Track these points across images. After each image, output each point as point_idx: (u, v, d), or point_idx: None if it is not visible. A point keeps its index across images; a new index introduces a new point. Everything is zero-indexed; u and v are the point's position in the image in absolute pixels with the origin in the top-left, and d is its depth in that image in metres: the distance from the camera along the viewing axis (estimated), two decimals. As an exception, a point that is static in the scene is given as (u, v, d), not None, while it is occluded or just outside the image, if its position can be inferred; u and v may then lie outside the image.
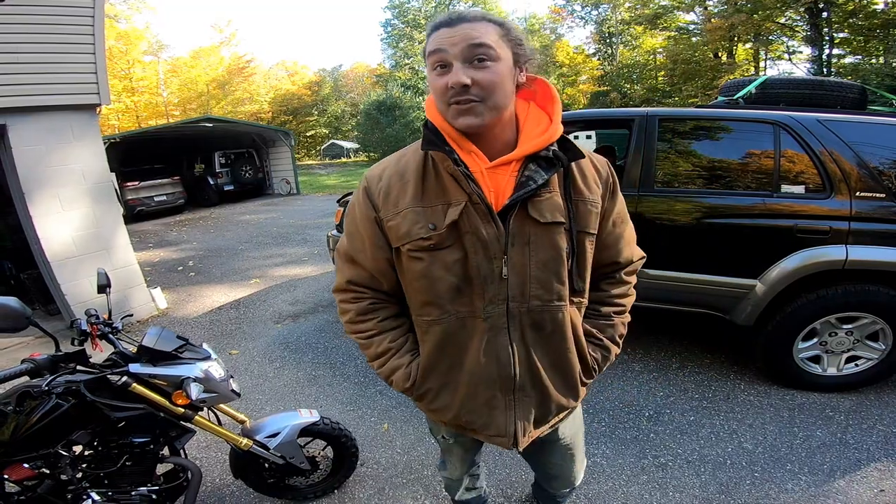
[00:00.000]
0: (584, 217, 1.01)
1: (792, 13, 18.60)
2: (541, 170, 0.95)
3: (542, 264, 0.98)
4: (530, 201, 0.95)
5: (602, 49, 31.32)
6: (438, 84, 0.90)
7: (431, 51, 0.90)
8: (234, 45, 36.04)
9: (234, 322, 4.46)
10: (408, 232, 0.96)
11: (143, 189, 11.99)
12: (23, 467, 1.48)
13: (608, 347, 1.15)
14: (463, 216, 0.94)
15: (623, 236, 1.13)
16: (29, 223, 3.97)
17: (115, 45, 25.89)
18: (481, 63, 0.87)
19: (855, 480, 2.11)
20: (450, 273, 0.97)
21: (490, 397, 1.07)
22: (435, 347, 1.05)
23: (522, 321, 1.00)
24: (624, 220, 1.13)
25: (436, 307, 1.01)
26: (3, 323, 1.41)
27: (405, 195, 0.98)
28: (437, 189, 0.97)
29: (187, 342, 1.70)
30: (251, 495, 2.14)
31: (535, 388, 1.07)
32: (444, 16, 0.91)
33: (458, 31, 0.87)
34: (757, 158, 2.70)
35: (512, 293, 0.98)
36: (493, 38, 0.87)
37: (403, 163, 1.02)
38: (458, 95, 0.88)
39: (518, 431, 1.09)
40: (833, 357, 2.71)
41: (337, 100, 40.98)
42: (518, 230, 0.95)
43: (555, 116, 0.99)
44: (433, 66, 0.90)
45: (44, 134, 3.92)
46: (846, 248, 2.45)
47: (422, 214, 0.96)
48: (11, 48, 3.62)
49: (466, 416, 1.11)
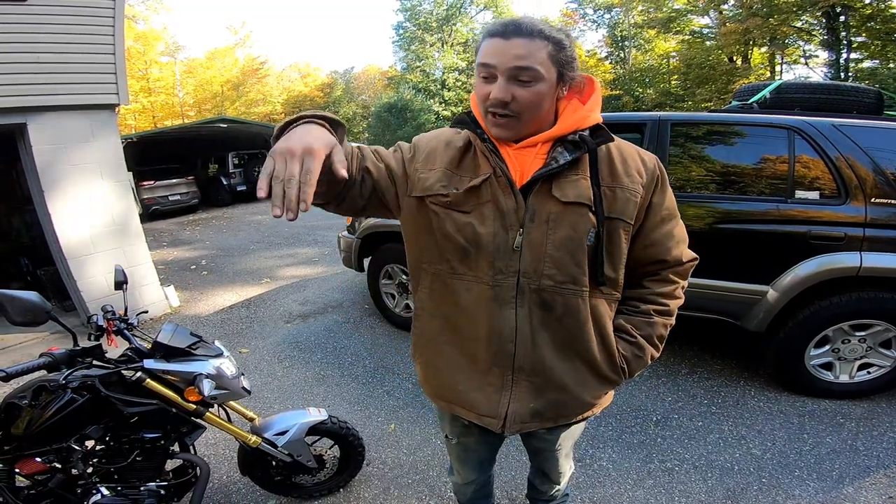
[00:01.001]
0: (620, 204, 0.99)
1: (808, 17, 18.33)
2: (566, 152, 0.97)
3: (560, 244, 0.98)
4: (555, 181, 0.98)
5: (614, 53, 31.12)
6: (481, 91, 0.95)
7: (481, 62, 0.93)
8: (249, 46, 36.41)
9: (244, 321, 4.51)
10: (431, 185, 1.02)
11: (159, 188, 12.13)
12: (34, 461, 1.50)
13: (642, 346, 1.10)
14: (484, 185, 0.99)
15: (673, 234, 1.09)
16: (47, 220, 4.05)
17: (134, 45, 26.27)
18: (524, 83, 0.91)
19: (864, 487, 2.08)
20: (459, 233, 1.00)
21: (485, 371, 1.07)
22: (431, 294, 1.09)
23: (531, 299, 1.00)
24: (673, 217, 1.09)
25: (446, 261, 1.04)
26: (24, 317, 1.43)
27: (444, 158, 1.05)
28: (470, 165, 1.03)
29: (201, 339, 1.72)
30: (258, 492, 2.16)
31: (535, 372, 1.05)
32: (501, 24, 0.92)
33: (510, 46, 0.89)
34: (771, 164, 2.68)
35: (524, 268, 0.99)
36: (540, 59, 0.90)
37: (452, 135, 1.09)
38: (495, 108, 0.93)
39: (509, 416, 1.08)
40: (845, 364, 2.67)
41: (349, 102, 41.14)
42: (539, 207, 0.97)
43: (588, 105, 1.01)
44: (480, 73, 0.95)
45: (63, 133, 3.99)
46: (860, 255, 2.42)
47: (449, 177, 1.02)
48: (32, 48, 3.69)
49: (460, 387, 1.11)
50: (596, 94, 1.02)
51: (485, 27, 0.97)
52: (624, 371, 1.10)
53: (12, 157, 4.57)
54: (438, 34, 32.23)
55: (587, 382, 1.09)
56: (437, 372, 1.15)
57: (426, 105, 28.38)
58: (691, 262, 1.13)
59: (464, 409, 1.14)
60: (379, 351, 3.66)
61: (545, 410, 1.09)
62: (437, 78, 31.78)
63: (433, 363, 1.16)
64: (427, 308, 1.12)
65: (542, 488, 1.58)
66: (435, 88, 30.89)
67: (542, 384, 1.06)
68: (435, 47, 32.13)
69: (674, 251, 1.09)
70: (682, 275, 1.13)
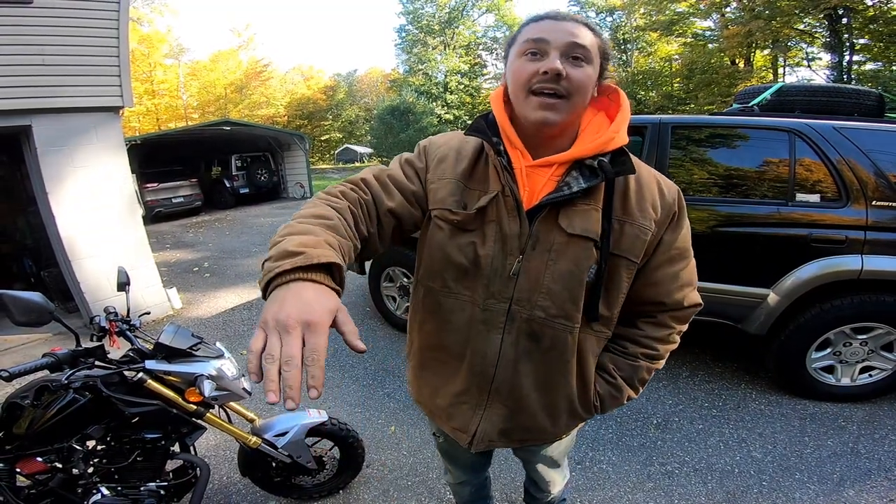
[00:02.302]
0: (628, 241, 0.92)
1: (811, 19, 18.33)
2: (581, 178, 0.90)
3: (558, 277, 0.92)
4: (563, 209, 0.91)
5: (616, 56, 31.18)
6: (528, 69, 0.86)
7: (531, 38, 0.87)
8: (252, 49, 36.66)
9: (246, 323, 4.52)
10: (442, 199, 0.97)
11: (162, 191, 12.16)
12: (35, 461, 1.51)
13: (620, 388, 1.05)
14: (491, 205, 0.93)
15: (678, 276, 1.00)
16: (51, 221, 4.07)
17: (138, 48, 26.43)
18: (577, 61, 0.85)
19: (865, 490, 2.08)
20: (461, 254, 0.96)
21: (463, 389, 1.06)
22: (423, 307, 1.07)
23: (520, 327, 0.97)
24: (683, 258, 1.00)
25: (440, 279, 1.01)
26: (27, 317, 1.44)
27: (456, 168, 0.99)
28: (482, 176, 0.98)
29: (202, 340, 1.73)
30: (257, 493, 2.17)
31: (511, 397, 1.03)
32: (550, 10, 0.90)
33: (563, 24, 0.86)
34: (772, 167, 2.67)
35: (518, 296, 0.95)
36: (592, 42, 0.87)
37: (464, 142, 1.03)
38: (548, 82, 0.84)
39: (478, 433, 1.08)
40: (847, 367, 2.66)
41: (351, 104, 41.32)
42: (543, 234, 0.92)
43: (615, 124, 0.92)
44: (524, 52, 0.88)
45: (67, 134, 4.01)
46: (861, 258, 2.41)
47: (460, 191, 0.96)
48: (37, 49, 3.72)
49: (438, 399, 1.12)
50: (623, 111, 0.94)
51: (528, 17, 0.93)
52: (597, 408, 1.08)
53: (16, 159, 4.60)
54: (441, 37, 32.34)
55: (558, 416, 1.07)
56: (420, 379, 1.17)
57: (429, 108, 28.45)
58: (693, 308, 1.05)
59: (438, 419, 1.16)
60: (379, 353, 3.66)
61: (512, 433, 1.09)
62: (439, 81, 31.87)
63: (418, 369, 1.17)
64: (418, 318, 1.12)
65: (537, 495, 1.59)
66: (437, 91, 30.97)
67: (515, 409, 1.05)
68: (437, 50, 32.23)
69: (675, 294, 1.01)
70: (680, 320, 1.06)
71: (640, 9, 26.23)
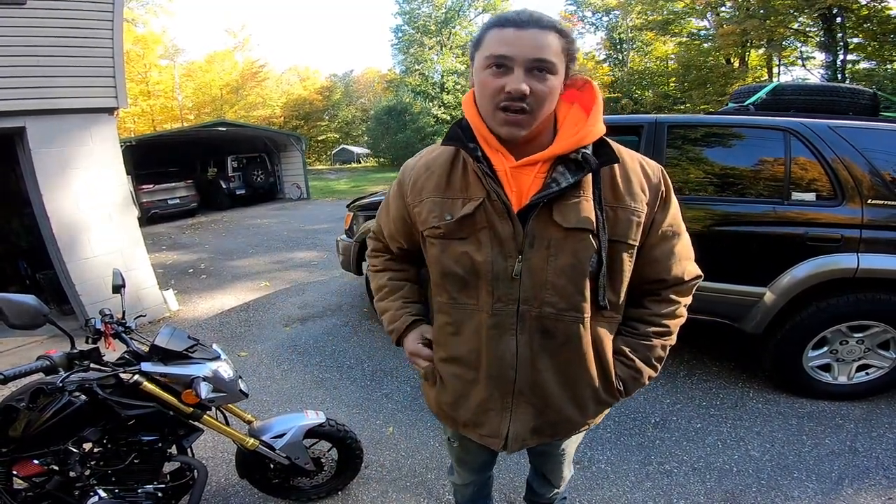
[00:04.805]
0: (623, 225, 0.95)
1: (805, 18, 18.41)
2: (568, 172, 0.91)
3: (561, 271, 0.94)
4: (555, 204, 0.92)
5: (613, 55, 31.27)
6: (493, 85, 0.87)
7: (493, 53, 0.86)
8: (248, 49, 36.60)
9: (243, 324, 4.50)
10: (425, 219, 1.02)
11: (158, 192, 12.13)
12: (32, 463, 1.50)
13: (639, 369, 1.07)
14: (479, 211, 0.95)
15: (674, 251, 1.03)
16: (46, 223, 4.05)
17: (133, 48, 26.33)
18: (541, 73, 0.85)
19: (863, 488, 2.08)
20: (457, 264, 0.98)
21: (486, 397, 1.07)
22: (440, 329, 1.10)
23: (532, 326, 0.98)
24: (676, 234, 1.04)
25: (445, 292, 1.04)
26: (21, 320, 1.43)
27: (428, 185, 1.02)
28: (461, 183, 0.99)
29: (198, 342, 1.73)
30: (255, 495, 2.16)
31: (535, 395, 1.05)
32: (513, 14, 0.86)
33: (526, 35, 0.83)
34: (767, 165, 2.68)
35: (524, 295, 0.96)
36: (556, 50, 0.85)
37: (434, 156, 1.05)
38: (512, 101, 0.85)
39: (510, 436, 1.08)
40: (844, 366, 2.67)
41: (348, 105, 41.27)
42: (539, 232, 0.92)
43: (591, 118, 0.94)
44: (489, 64, 0.87)
45: (62, 136, 4.00)
46: (857, 257, 2.42)
47: (439, 205, 0.99)
48: (31, 51, 3.70)
49: (462, 410, 1.12)
50: (598, 103, 0.96)
51: (493, 17, 0.91)
52: (621, 393, 1.10)
53: (11, 160, 4.57)
54: (437, 37, 32.33)
55: (585, 405, 1.09)
56: (441, 393, 1.16)
57: (425, 108, 28.43)
58: (694, 281, 1.09)
59: (467, 429, 1.15)
60: (377, 354, 3.66)
61: (543, 429, 1.10)
62: (435, 81, 31.87)
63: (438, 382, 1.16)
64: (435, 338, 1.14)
65: (541, 491, 1.58)
66: (434, 92, 30.95)
67: (541, 406, 1.06)
68: (434, 50, 32.22)
69: (674, 270, 1.04)
70: (683, 293, 1.09)
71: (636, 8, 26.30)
